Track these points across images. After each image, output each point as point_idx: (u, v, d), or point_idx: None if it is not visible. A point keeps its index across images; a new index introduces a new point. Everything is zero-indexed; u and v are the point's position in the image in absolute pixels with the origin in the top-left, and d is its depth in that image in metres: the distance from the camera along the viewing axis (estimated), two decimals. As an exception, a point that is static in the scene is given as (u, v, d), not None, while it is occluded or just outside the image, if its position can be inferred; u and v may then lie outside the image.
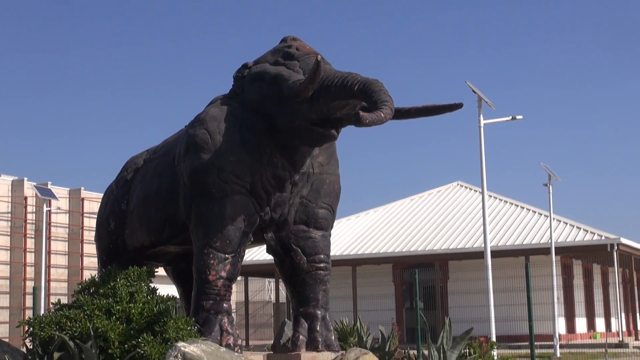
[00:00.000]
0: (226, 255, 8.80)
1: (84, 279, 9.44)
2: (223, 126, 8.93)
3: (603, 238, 27.89)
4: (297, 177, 9.07)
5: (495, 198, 33.23)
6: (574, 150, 74.92)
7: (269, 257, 10.01)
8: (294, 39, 9.27)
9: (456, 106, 8.65)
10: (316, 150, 9.20)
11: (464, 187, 35.77)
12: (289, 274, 9.37)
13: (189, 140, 9.03)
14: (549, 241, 23.94)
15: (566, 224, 29.71)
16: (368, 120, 7.69)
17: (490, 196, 32.19)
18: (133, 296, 8.61)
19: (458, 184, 36.26)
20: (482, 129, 19.28)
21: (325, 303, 9.33)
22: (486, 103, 19.12)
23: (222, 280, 8.80)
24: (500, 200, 33.31)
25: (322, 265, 9.29)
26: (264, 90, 8.85)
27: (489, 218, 22.00)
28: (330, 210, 9.42)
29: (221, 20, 77.80)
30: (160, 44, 75.46)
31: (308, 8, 76.12)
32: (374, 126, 7.86)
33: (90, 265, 28.97)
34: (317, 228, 9.30)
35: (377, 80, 8.06)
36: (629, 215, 69.25)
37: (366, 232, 32.39)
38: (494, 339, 16.82)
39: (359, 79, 8.08)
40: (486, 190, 19.67)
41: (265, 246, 9.48)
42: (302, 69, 8.76)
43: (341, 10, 75.33)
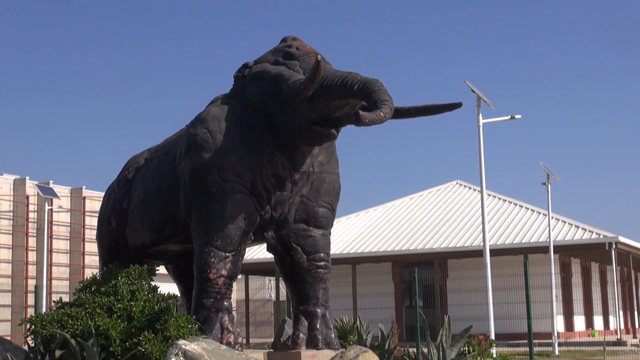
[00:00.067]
0: (227, 254, 8.83)
1: (86, 278, 9.47)
2: (224, 125, 8.95)
3: (601, 237, 27.93)
4: (297, 176, 9.09)
5: (494, 197, 33.26)
6: (573, 150, 75.01)
7: (270, 256, 10.04)
8: (294, 39, 9.29)
9: (455, 105, 8.67)
10: (316, 150, 9.22)
11: (463, 186, 35.80)
12: (289, 273, 9.39)
13: (189, 139, 9.06)
14: (548, 240, 23.97)
15: (565, 222, 29.75)
16: (368, 120, 7.70)
17: (489, 195, 32.22)
18: (134, 294, 8.62)
19: (457, 183, 36.30)
20: (481, 128, 19.31)
21: (325, 301, 9.36)
22: (485, 102, 19.15)
23: (223, 279, 8.82)
24: (499, 199, 33.34)
25: (322, 263, 9.31)
26: (265, 90, 8.87)
27: (488, 217, 22.04)
28: (330, 209, 9.45)
29: (221, 20, 77.79)
30: (160, 44, 75.49)
31: (308, 8, 76.12)
32: (373, 125, 7.87)
33: (92, 264, 28.97)
34: (317, 227, 9.32)
35: (377, 79, 8.07)
36: (627, 214, 69.37)
37: (366, 231, 32.42)
38: (492, 336, 16.86)
39: (359, 78, 8.09)
40: (485, 189, 19.71)
41: (265, 245, 9.50)
42: (303, 69, 8.78)
43: (341, 10, 75.33)
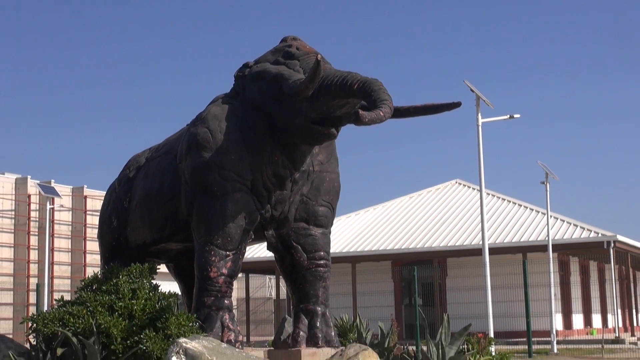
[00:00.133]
0: (227, 253, 8.85)
1: (87, 276, 9.49)
2: (224, 125, 8.98)
3: (600, 235, 27.99)
4: (298, 175, 9.11)
5: (493, 196, 33.32)
6: (571, 149, 75.08)
7: (270, 254, 10.07)
8: (294, 39, 9.31)
9: (454, 105, 8.69)
10: (316, 149, 9.24)
11: (462, 185, 35.86)
12: (290, 271, 9.41)
13: (190, 138, 9.09)
14: (546, 238, 24.01)
15: (563, 221, 29.81)
16: (367, 119, 7.72)
17: (488, 194, 32.27)
18: (135, 293, 8.63)
19: (456, 182, 36.36)
20: (480, 128, 19.32)
21: (325, 300, 9.38)
22: (484, 102, 19.17)
23: (224, 277, 8.84)
24: (498, 198, 33.39)
25: (322, 262, 9.33)
26: (265, 89, 8.89)
27: (487, 215, 22.08)
28: (330, 208, 9.46)
29: (221, 20, 77.78)
30: (161, 44, 75.48)
31: (308, 8, 76.11)
32: (373, 125, 7.89)
33: (93, 263, 29.03)
34: (317, 225, 9.34)
35: (377, 79, 8.09)
36: (625, 212, 69.50)
37: (366, 230, 32.47)
38: (492, 335, 16.88)
39: (359, 78, 8.11)
40: (484, 188, 19.72)
41: (265, 243, 9.53)
42: (303, 68, 8.80)
43: (341, 10, 75.34)
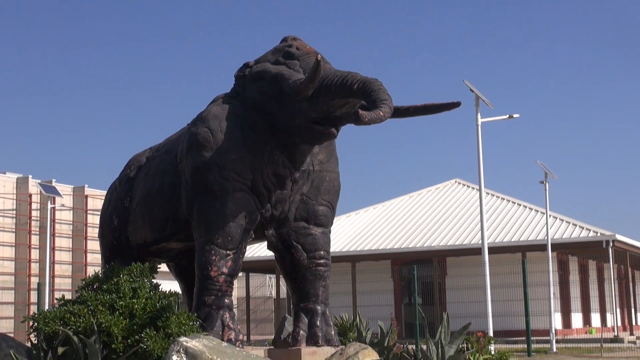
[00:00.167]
0: (228, 252, 8.87)
1: (88, 275, 9.48)
2: (224, 124, 9.00)
3: (598, 234, 28.03)
4: (298, 175, 9.13)
5: (493, 195, 33.35)
6: (570, 149, 75.17)
7: (270, 254, 10.09)
8: (295, 39, 9.32)
9: (454, 105, 8.70)
10: (316, 148, 9.26)
11: (461, 185, 35.89)
12: (290, 270, 9.42)
13: (191, 138, 9.11)
14: (546, 238, 24.06)
15: (562, 220, 29.84)
16: (367, 119, 7.73)
17: (488, 193, 32.32)
18: (136, 292, 8.64)
19: (456, 182, 36.39)
20: (480, 127, 19.35)
21: (325, 299, 9.39)
22: (484, 102, 19.20)
23: (224, 276, 8.86)
24: (498, 197, 33.43)
25: (322, 261, 9.35)
26: (265, 89, 8.91)
27: (486, 215, 22.11)
28: (330, 207, 9.48)
29: (221, 20, 77.79)
30: (161, 44, 75.52)
31: (308, 8, 76.13)
32: (373, 124, 7.91)
33: (94, 262, 29.08)
34: (317, 225, 9.36)
35: (377, 79, 8.11)
36: (624, 212, 69.59)
37: (365, 229, 32.50)
38: (491, 333, 16.91)
39: (359, 78, 8.13)
40: (483, 187, 19.76)
41: (266, 243, 9.54)
42: (303, 68, 8.81)
43: (341, 10, 75.37)
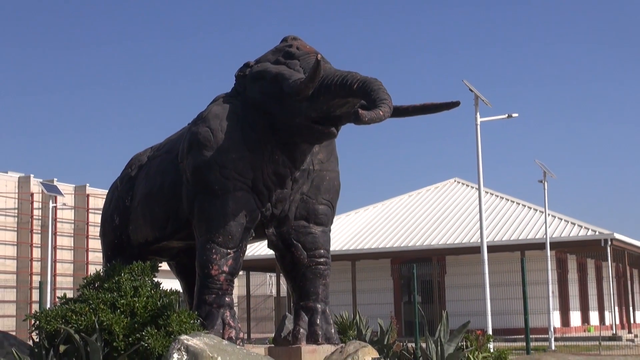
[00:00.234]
0: (228, 250, 8.90)
1: (89, 274, 9.48)
2: (225, 124, 9.03)
3: (597, 233, 28.06)
4: (298, 174, 9.16)
5: (492, 194, 33.38)
6: (569, 148, 75.23)
7: (270, 252, 10.13)
8: (295, 39, 9.35)
9: (453, 104, 8.74)
10: (316, 148, 9.29)
11: (460, 184, 35.92)
12: (290, 269, 9.46)
13: (191, 137, 9.14)
14: (544, 236, 24.10)
15: (561, 219, 29.87)
16: (367, 118, 7.76)
17: (487, 192, 32.34)
18: (137, 290, 8.66)
19: (455, 181, 36.42)
20: (479, 127, 19.40)
21: (325, 297, 9.43)
22: (483, 101, 19.25)
23: (225, 275, 8.90)
24: (497, 196, 33.45)
25: (322, 260, 9.39)
26: (266, 89, 8.94)
27: (485, 214, 22.16)
28: (330, 206, 9.51)
29: (221, 20, 77.79)
30: (161, 44, 75.51)
31: (308, 8, 76.13)
32: (373, 124, 7.94)
33: (95, 260, 29.14)
34: (317, 224, 9.39)
35: (376, 79, 8.14)
36: (622, 210, 69.65)
37: (365, 228, 32.53)
38: (490, 332, 16.95)
39: (359, 77, 8.16)
40: (482, 186, 19.81)
41: (266, 241, 9.57)
42: (303, 68, 8.84)
43: (341, 10, 75.38)
